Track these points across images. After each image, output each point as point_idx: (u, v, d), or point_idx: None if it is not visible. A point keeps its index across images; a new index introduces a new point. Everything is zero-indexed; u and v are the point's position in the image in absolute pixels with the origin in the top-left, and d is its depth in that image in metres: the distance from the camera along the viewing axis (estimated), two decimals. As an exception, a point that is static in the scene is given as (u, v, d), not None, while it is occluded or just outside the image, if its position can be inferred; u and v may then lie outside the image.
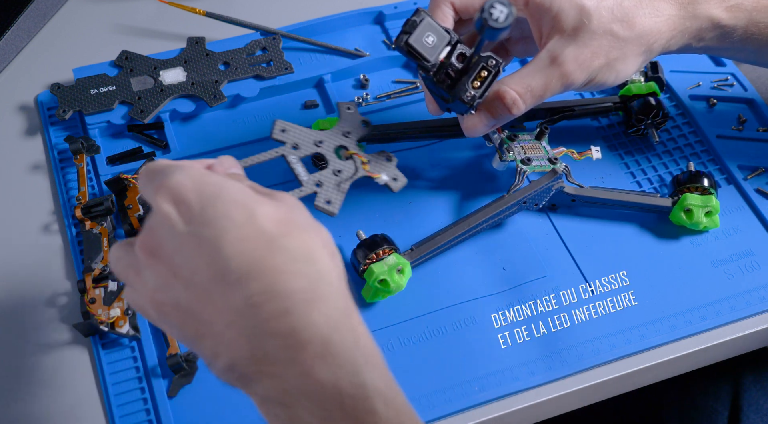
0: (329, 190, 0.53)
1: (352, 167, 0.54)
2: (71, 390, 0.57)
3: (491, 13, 0.46)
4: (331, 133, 0.54)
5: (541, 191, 0.63)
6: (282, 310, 0.39)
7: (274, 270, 0.39)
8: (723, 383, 0.77)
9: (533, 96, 0.55)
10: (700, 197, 0.63)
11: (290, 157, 0.53)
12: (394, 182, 0.54)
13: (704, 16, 0.58)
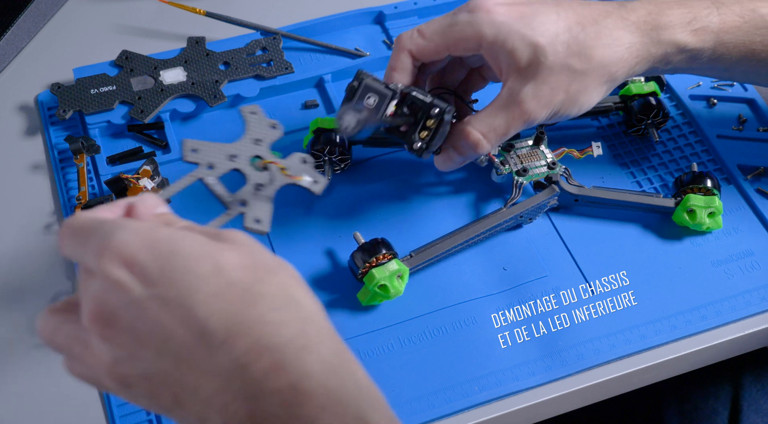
0: (255, 207, 0.49)
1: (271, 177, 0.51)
2: (71, 390, 0.57)
3: (340, 124, 0.51)
4: (243, 144, 0.51)
5: (537, 207, 0.63)
6: (275, 365, 0.36)
7: (258, 323, 0.36)
8: (723, 383, 0.77)
9: (497, 135, 0.56)
10: (703, 198, 0.63)
11: (208, 179, 0.49)
12: (315, 185, 0.51)
13: (669, 41, 0.57)
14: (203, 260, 0.37)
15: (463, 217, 0.66)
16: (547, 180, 0.64)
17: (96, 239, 0.37)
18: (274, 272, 0.38)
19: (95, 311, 0.37)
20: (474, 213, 0.66)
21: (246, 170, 0.50)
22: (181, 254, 0.37)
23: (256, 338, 0.36)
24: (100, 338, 0.37)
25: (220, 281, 0.36)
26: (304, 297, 0.39)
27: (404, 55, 0.57)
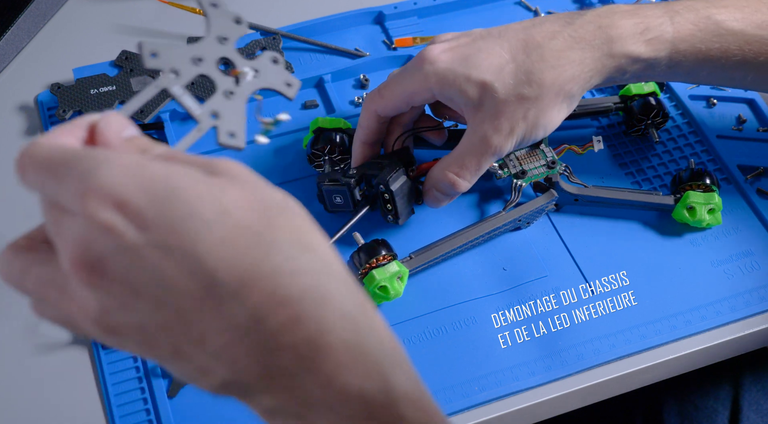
0: (228, 118, 0.43)
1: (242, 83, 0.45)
2: (71, 390, 0.57)
3: None
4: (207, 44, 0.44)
5: (536, 211, 0.63)
6: (292, 318, 0.33)
7: (273, 273, 0.33)
8: (723, 383, 0.77)
9: (470, 173, 0.59)
10: (702, 195, 0.64)
11: (174, 89, 0.43)
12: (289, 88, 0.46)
13: (622, 53, 0.57)
14: (206, 201, 0.33)
15: (463, 218, 0.66)
16: (546, 181, 0.64)
17: (75, 177, 0.33)
18: (284, 213, 0.35)
19: (80, 256, 0.33)
20: (474, 214, 0.66)
21: (214, 75, 0.44)
22: (180, 195, 0.33)
23: (271, 289, 0.33)
24: (86, 285, 0.33)
25: (228, 226, 0.33)
26: (319, 243, 0.35)
27: (369, 115, 0.61)
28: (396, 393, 0.35)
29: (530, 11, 0.80)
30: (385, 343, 0.36)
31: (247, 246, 0.33)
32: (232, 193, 0.34)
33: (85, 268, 0.33)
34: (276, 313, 0.33)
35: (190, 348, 0.34)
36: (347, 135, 0.66)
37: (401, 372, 0.36)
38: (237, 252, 0.33)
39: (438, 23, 0.79)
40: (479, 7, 0.81)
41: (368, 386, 0.34)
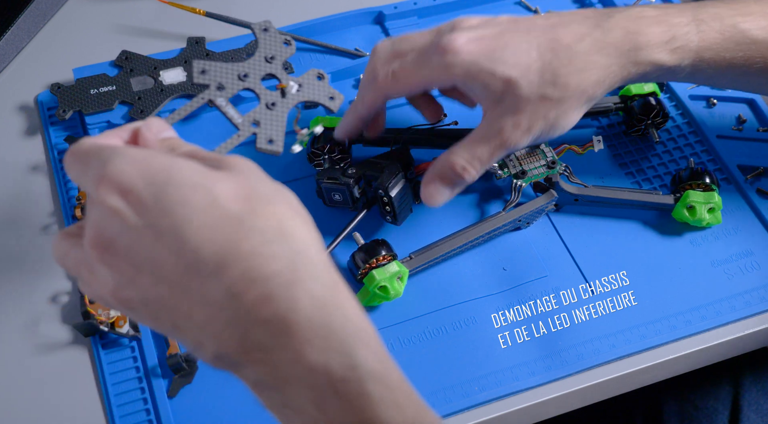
0: (268, 127, 0.48)
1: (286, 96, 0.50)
2: (71, 390, 0.57)
3: None
4: (254, 63, 0.50)
5: (536, 211, 0.63)
6: (264, 296, 0.36)
7: (249, 255, 0.36)
8: (723, 383, 0.77)
9: (481, 163, 0.56)
10: (702, 194, 0.64)
11: (218, 101, 0.48)
12: (332, 102, 0.51)
13: (647, 61, 0.56)
14: (198, 190, 0.37)
15: (463, 218, 0.66)
16: (546, 181, 0.64)
17: (95, 166, 0.38)
18: (269, 202, 0.38)
19: (94, 237, 0.38)
20: (474, 214, 0.66)
21: (257, 89, 0.50)
22: (176, 184, 0.37)
23: (246, 269, 0.36)
24: (102, 263, 0.38)
25: (214, 213, 0.37)
26: (298, 229, 0.38)
27: (377, 95, 0.57)
28: (361, 370, 0.37)
29: (530, 11, 0.80)
30: (352, 323, 0.38)
31: (228, 230, 0.37)
32: (224, 185, 0.38)
33: (98, 247, 0.38)
34: (249, 290, 0.36)
35: (183, 322, 0.38)
36: (347, 135, 0.66)
37: (367, 350, 0.38)
38: (218, 235, 0.36)
39: (438, 23, 0.79)
40: (479, 7, 0.81)
41: (333, 362, 0.37)
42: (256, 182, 0.39)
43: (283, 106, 0.49)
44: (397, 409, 0.38)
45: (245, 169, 0.39)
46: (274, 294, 0.37)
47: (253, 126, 0.48)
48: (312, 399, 0.37)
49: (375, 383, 0.38)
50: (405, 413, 0.38)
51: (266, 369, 0.38)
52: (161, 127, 0.43)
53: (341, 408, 0.37)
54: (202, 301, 0.37)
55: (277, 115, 0.49)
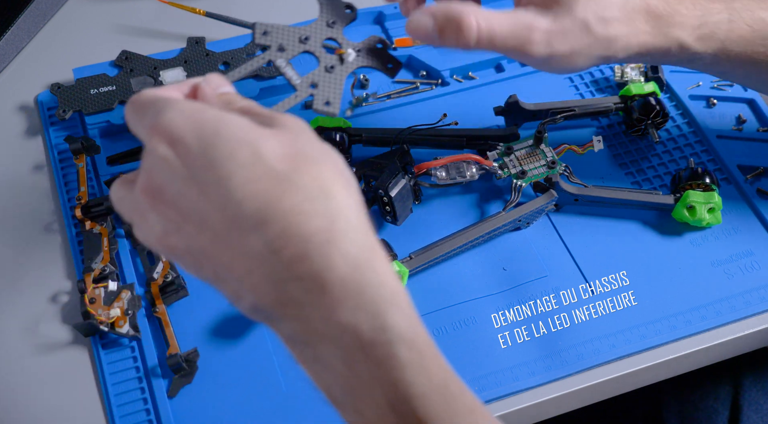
0: (326, 89, 0.49)
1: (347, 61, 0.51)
2: (71, 390, 0.57)
3: None
4: (316, 27, 0.51)
5: (536, 211, 0.63)
6: (301, 253, 0.37)
7: (290, 212, 0.37)
8: (723, 383, 0.77)
9: (490, 39, 0.52)
10: (702, 194, 0.64)
11: (278, 61, 0.50)
12: (390, 69, 0.51)
13: (674, 38, 0.56)
14: (244, 146, 0.38)
15: (463, 218, 0.66)
16: (546, 181, 0.64)
17: (149, 116, 0.39)
18: (314, 162, 0.39)
19: (145, 184, 0.39)
20: (474, 214, 0.66)
21: (318, 52, 0.51)
22: (223, 138, 0.38)
23: (285, 226, 0.37)
24: (151, 210, 0.40)
25: (258, 169, 0.37)
26: (339, 191, 0.39)
27: None
28: (390, 333, 0.38)
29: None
30: (385, 286, 0.38)
31: (271, 187, 0.37)
32: (271, 143, 0.38)
33: (148, 194, 0.39)
34: (287, 247, 0.37)
35: (223, 273, 0.39)
36: (347, 134, 0.66)
37: (399, 314, 0.38)
38: (261, 191, 0.37)
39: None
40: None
41: (364, 323, 0.37)
42: (303, 142, 0.39)
43: (342, 69, 0.50)
44: (425, 373, 0.39)
45: (296, 128, 0.40)
46: (310, 252, 0.37)
47: (311, 88, 0.49)
48: (341, 357, 0.38)
49: (404, 346, 0.38)
50: (432, 378, 0.39)
51: (299, 325, 0.38)
52: (220, 82, 0.44)
53: (369, 368, 0.38)
54: (242, 254, 0.38)
55: (335, 78, 0.49)
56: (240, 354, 0.58)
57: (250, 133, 0.38)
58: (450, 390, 0.40)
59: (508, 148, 0.65)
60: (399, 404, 0.38)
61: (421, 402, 0.38)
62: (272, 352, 0.58)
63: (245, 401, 0.56)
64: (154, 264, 0.62)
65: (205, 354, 0.58)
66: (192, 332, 0.59)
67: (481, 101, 0.72)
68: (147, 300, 0.60)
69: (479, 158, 0.64)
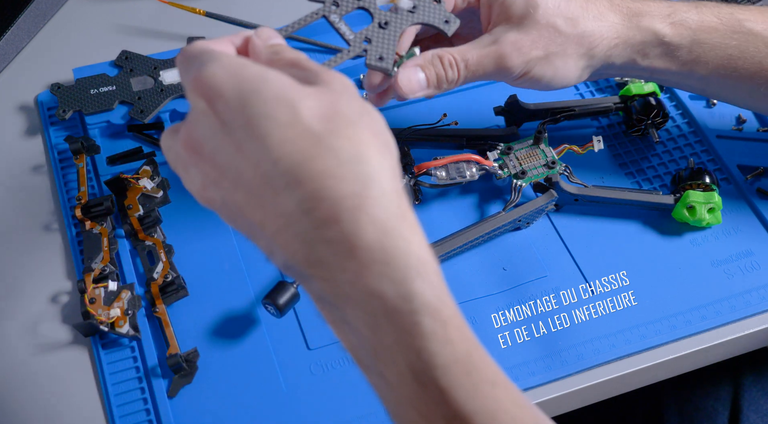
0: (380, 45, 0.49)
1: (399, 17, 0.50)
2: (71, 390, 0.57)
3: None
4: None
5: (536, 211, 0.63)
6: (331, 217, 0.37)
7: (322, 174, 0.37)
8: (723, 383, 0.77)
9: (467, 68, 0.56)
10: (702, 194, 0.64)
11: (332, 17, 0.49)
12: (447, 25, 0.51)
13: (648, 29, 0.58)
14: (283, 105, 0.38)
15: (463, 218, 0.66)
16: (546, 181, 0.64)
17: (193, 68, 0.39)
18: (351, 124, 0.38)
19: (185, 137, 0.40)
20: (474, 214, 0.66)
21: (371, 8, 0.50)
22: (262, 96, 0.38)
23: (317, 188, 0.37)
24: (191, 162, 0.40)
25: (295, 129, 0.37)
26: (374, 155, 0.38)
27: None
28: (415, 302, 0.38)
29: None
30: (414, 254, 0.38)
31: (306, 147, 0.37)
32: (310, 103, 0.38)
33: (187, 147, 0.40)
34: (318, 209, 0.37)
35: (257, 229, 0.39)
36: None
37: (424, 283, 0.38)
38: (295, 151, 0.37)
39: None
40: None
41: (389, 290, 0.37)
42: (345, 102, 0.39)
43: (396, 26, 0.49)
44: (448, 344, 0.38)
45: (339, 87, 0.39)
46: (340, 216, 0.37)
47: (364, 43, 0.49)
48: (367, 322, 0.38)
49: (428, 316, 0.38)
50: (456, 348, 0.39)
51: (328, 286, 0.38)
52: (271, 34, 0.44)
53: (393, 335, 0.38)
54: (275, 212, 0.38)
55: (389, 35, 0.49)
56: (240, 354, 0.58)
57: (290, 92, 0.38)
58: (473, 361, 0.39)
59: (508, 148, 0.65)
60: (420, 373, 0.38)
61: (442, 372, 0.38)
62: (272, 352, 0.58)
63: (245, 401, 0.56)
64: (154, 264, 0.62)
65: (205, 354, 0.58)
66: (192, 332, 0.59)
67: (481, 101, 0.72)
68: (147, 300, 0.60)
69: (479, 158, 0.64)
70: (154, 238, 0.63)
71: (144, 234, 0.63)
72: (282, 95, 0.38)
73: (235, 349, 0.59)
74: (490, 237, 0.64)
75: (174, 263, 0.62)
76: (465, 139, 0.67)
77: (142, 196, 0.65)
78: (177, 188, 0.66)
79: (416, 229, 0.39)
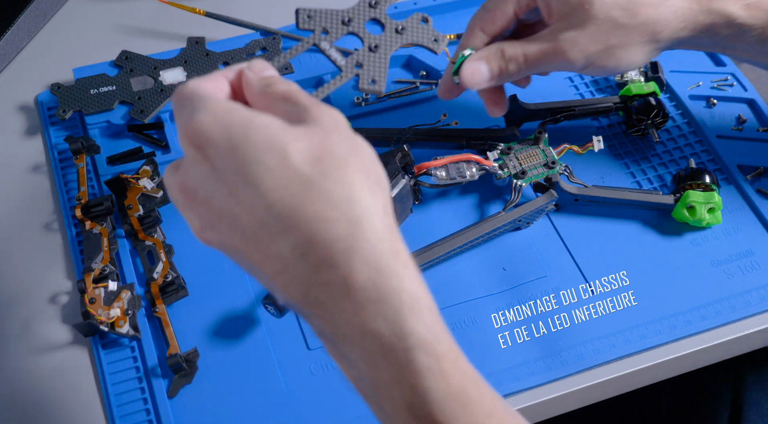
0: (371, 68, 0.50)
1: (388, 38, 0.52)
2: (71, 390, 0.57)
3: None
4: (358, 8, 0.52)
5: (536, 211, 0.63)
6: (326, 260, 0.38)
7: (315, 218, 0.38)
8: (723, 383, 0.77)
9: (526, 61, 0.56)
10: (702, 194, 0.64)
11: (323, 44, 0.50)
12: (435, 44, 0.52)
13: (719, 11, 0.57)
14: (272, 150, 0.38)
15: (463, 218, 0.66)
16: (546, 181, 0.64)
17: (185, 114, 0.40)
18: (341, 165, 0.39)
19: (180, 183, 0.41)
20: (474, 214, 0.66)
21: (361, 33, 0.51)
22: (251, 142, 0.38)
23: (310, 232, 0.38)
24: (188, 207, 0.41)
25: (286, 173, 0.38)
26: (364, 195, 0.39)
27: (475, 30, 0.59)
28: (410, 339, 0.38)
29: (530, 11, 0.80)
30: (407, 292, 0.39)
31: (298, 193, 0.38)
32: (299, 144, 0.39)
33: (183, 192, 0.41)
34: (313, 252, 0.38)
35: (255, 270, 0.40)
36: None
37: (418, 320, 0.39)
38: (288, 197, 0.38)
39: (438, 23, 0.79)
40: (479, 7, 0.81)
41: (384, 328, 0.38)
42: (334, 141, 0.39)
43: (386, 48, 0.51)
44: (443, 379, 0.39)
45: (328, 125, 0.40)
46: (334, 259, 0.38)
47: (356, 68, 0.50)
48: (364, 359, 0.39)
49: (422, 352, 0.39)
50: (451, 382, 0.39)
51: (326, 324, 0.39)
52: (263, 67, 0.44)
53: (389, 372, 0.38)
54: (272, 256, 0.39)
55: (379, 58, 0.50)
56: (240, 354, 0.58)
57: (279, 136, 0.39)
58: (468, 394, 0.40)
59: (508, 148, 0.65)
60: (417, 408, 0.39)
61: (438, 407, 0.39)
62: (272, 352, 0.58)
63: (245, 401, 0.56)
64: (154, 264, 0.62)
65: (205, 354, 0.58)
66: (192, 332, 0.59)
67: (481, 101, 0.72)
68: (147, 300, 0.60)
69: (479, 158, 0.64)
70: (154, 238, 0.63)
71: (144, 234, 0.63)
72: (271, 140, 0.38)
73: (235, 349, 0.59)
74: (490, 237, 0.64)
75: (174, 263, 0.62)
76: (465, 139, 0.67)
77: (142, 196, 0.65)
78: (177, 188, 0.66)
79: (409, 265, 0.40)
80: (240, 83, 0.44)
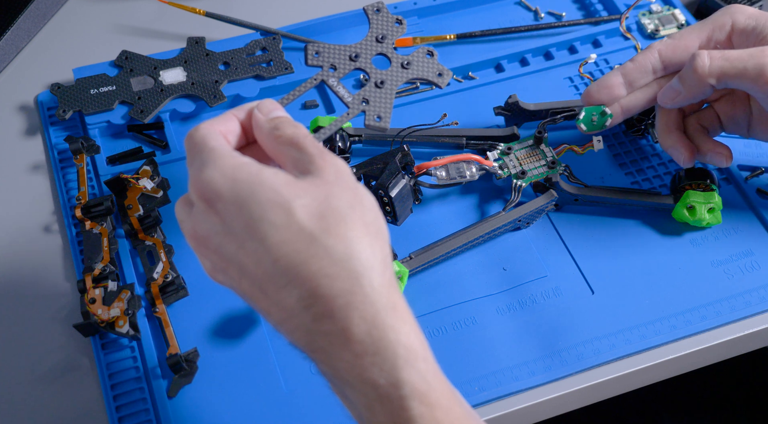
0: (377, 105, 0.51)
1: (394, 75, 0.52)
2: (71, 390, 0.57)
3: None
4: (365, 44, 0.52)
5: (536, 211, 0.63)
6: (327, 312, 0.40)
7: (318, 274, 0.40)
8: (723, 383, 0.77)
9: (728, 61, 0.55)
10: (702, 194, 0.64)
11: (330, 81, 0.52)
12: (440, 78, 0.53)
13: None
14: (278, 207, 0.41)
15: (464, 218, 0.66)
16: (546, 181, 0.64)
17: (195, 166, 0.43)
18: (342, 221, 0.41)
19: (191, 231, 0.44)
20: (474, 214, 0.66)
21: (368, 69, 0.52)
22: (257, 200, 0.41)
23: (314, 286, 0.40)
24: (198, 251, 0.44)
25: (291, 230, 0.41)
26: (363, 249, 0.41)
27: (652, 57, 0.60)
28: (404, 388, 0.41)
29: (530, 11, 0.81)
30: (402, 344, 0.41)
31: (303, 248, 0.41)
32: (303, 200, 0.41)
33: (193, 239, 0.44)
34: (315, 305, 0.41)
35: (263, 313, 0.43)
36: (347, 134, 0.66)
37: (412, 370, 0.41)
38: (292, 252, 0.41)
39: (438, 23, 0.80)
40: (479, 7, 0.81)
41: (380, 378, 0.41)
42: (337, 195, 0.42)
43: (392, 84, 0.51)
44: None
45: (331, 177, 0.42)
46: (334, 312, 0.41)
47: (363, 104, 0.51)
48: (363, 403, 0.41)
49: (416, 401, 0.41)
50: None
51: (327, 368, 0.42)
52: (272, 107, 0.47)
53: (385, 417, 0.41)
54: (278, 305, 0.42)
55: (385, 94, 0.51)
56: (240, 354, 0.58)
57: (284, 193, 0.41)
58: None
59: (508, 148, 0.65)
60: None
61: None
62: (272, 352, 0.59)
63: (245, 401, 0.56)
64: (154, 264, 0.62)
65: (205, 354, 0.58)
66: (192, 332, 0.59)
67: (481, 101, 0.73)
68: (147, 300, 0.60)
69: (479, 158, 0.64)
70: (154, 238, 0.63)
71: (144, 234, 0.63)
72: (276, 198, 0.41)
73: (235, 349, 0.59)
74: (490, 237, 0.64)
75: (174, 263, 0.62)
76: (465, 139, 0.67)
77: (142, 196, 0.65)
78: (177, 188, 0.66)
79: (405, 317, 0.42)
80: (250, 123, 0.47)
